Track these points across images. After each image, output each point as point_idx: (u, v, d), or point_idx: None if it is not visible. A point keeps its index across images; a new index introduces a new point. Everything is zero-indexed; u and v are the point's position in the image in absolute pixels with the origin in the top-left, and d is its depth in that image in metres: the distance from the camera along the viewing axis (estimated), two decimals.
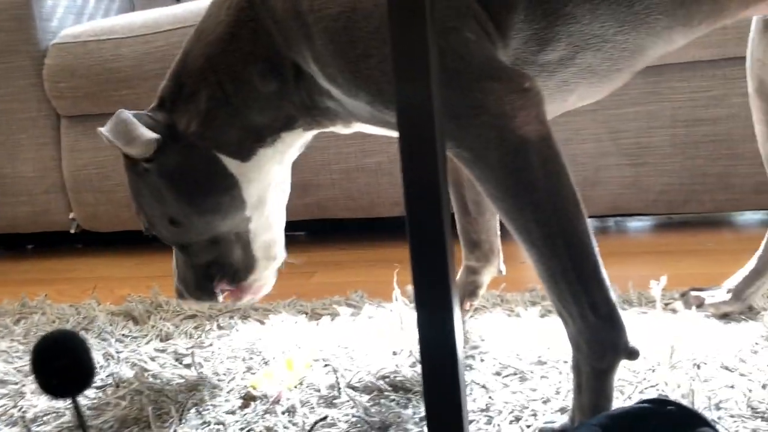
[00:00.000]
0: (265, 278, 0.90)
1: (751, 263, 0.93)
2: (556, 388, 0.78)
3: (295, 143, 0.82)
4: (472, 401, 0.77)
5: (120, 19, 1.70)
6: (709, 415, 0.69)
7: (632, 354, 0.59)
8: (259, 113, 0.76)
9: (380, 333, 0.99)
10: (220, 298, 0.90)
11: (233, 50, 0.74)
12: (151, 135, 0.76)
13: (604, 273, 0.59)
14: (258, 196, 0.83)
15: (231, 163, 0.79)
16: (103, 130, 0.79)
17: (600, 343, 0.58)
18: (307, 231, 1.92)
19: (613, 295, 0.59)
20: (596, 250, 0.59)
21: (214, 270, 0.87)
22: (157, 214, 0.84)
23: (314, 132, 0.81)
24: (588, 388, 0.60)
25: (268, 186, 0.84)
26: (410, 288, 1.17)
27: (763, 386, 0.74)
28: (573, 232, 0.58)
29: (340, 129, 0.80)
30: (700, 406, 0.71)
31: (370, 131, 0.80)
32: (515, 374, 0.83)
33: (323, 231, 1.86)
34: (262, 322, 1.10)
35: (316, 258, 1.59)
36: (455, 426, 0.52)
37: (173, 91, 0.80)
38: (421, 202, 0.51)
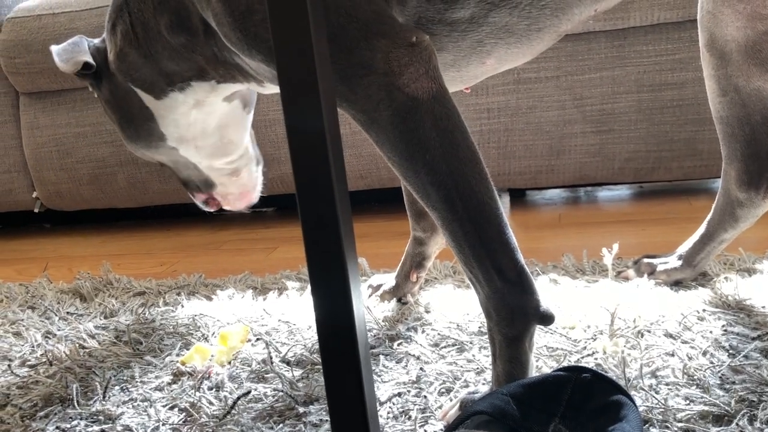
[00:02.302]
0: (235, 191, 0.94)
1: (701, 228, 0.90)
2: None
3: (214, 93, 0.80)
4: (405, 374, 0.75)
5: None
6: (643, 383, 0.66)
7: (545, 319, 0.56)
8: (169, 60, 0.75)
9: None
10: (203, 207, 0.97)
11: None
12: (81, 57, 0.80)
13: (511, 236, 0.56)
14: (178, 134, 0.84)
15: (146, 98, 0.80)
16: (54, 47, 0.83)
17: (508, 308, 0.55)
18: (276, 206, 1.89)
19: (521, 259, 0.56)
20: (501, 212, 0.56)
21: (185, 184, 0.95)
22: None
23: (231, 86, 0.79)
24: (501, 357, 0.58)
25: (189, 127, 0.84)
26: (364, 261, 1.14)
27: (704, 353, 0.72)
28: (472, 194, 0.54)
29: (256, 87, 0.77)
30: (633, 374, 0.68)
31: None
32: (454, 345, 0.80)
33: (292, 206, 1.83)
34: (209, 298, 1.07)
35: (280, 233, 1.56)
36: (357, 409, 0.49)
37: (107, 24, 0.81)
38: (309, 173, 0.47)
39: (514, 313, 0.55)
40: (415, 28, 0.57)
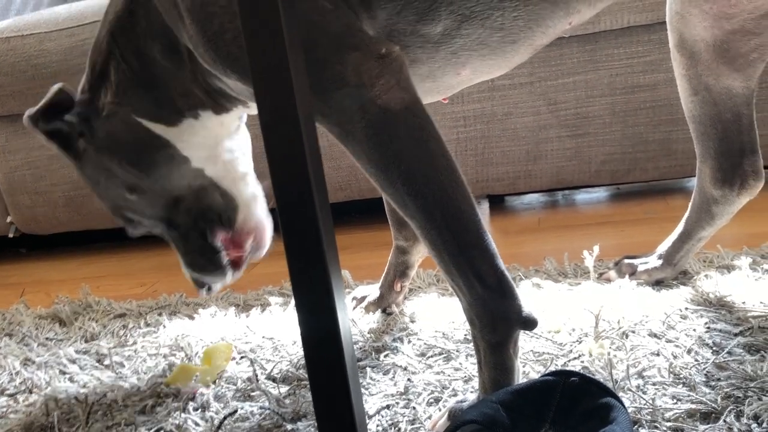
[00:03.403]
0: (255, 216, 0.86)
1: (679, 227, 0.91)
2: None
3: (227, 118, 0.77)
4: (393, 385, 0.74)
5: (44, 13, 1.64)
6: (630, 383, 0.67)
7: (528, 324, 0.56)
8: (172, 81, 0.73)
9: None
10: (225, 260, 0.86)
11: (132, 27, 0.72)
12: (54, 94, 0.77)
13: (490, 242, 0.56)
14: (207, 154, 0.79)
15: (155, 127, 0.76)
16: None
17: (490, 314, 0.55)
18: None
19: (501, 265, 0.56)
20: (479, 218, 0.56)
21: (202, 225, 0.83)
22: (118, 192, 0.82)
23: (230, 114, 0.77)
24: (487, 364, 0.58)
25: (216, 144, 0.79)
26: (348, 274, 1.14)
27: (689, 351, 0.72)
28: (449, 202, 0.55)
29: (243, 110, 0.77)
30: (620, 375, 0.68)
31: None
32: (440, 354, 0.80)
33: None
34: (191, 317, 1.06)
35: None
36: (345, 423, 0.49)
37: (89, 74, 0.78)
38: (289, 186, 0.47)
39: (496, 319, 0.55)
40: (385, 40, 0.57)
